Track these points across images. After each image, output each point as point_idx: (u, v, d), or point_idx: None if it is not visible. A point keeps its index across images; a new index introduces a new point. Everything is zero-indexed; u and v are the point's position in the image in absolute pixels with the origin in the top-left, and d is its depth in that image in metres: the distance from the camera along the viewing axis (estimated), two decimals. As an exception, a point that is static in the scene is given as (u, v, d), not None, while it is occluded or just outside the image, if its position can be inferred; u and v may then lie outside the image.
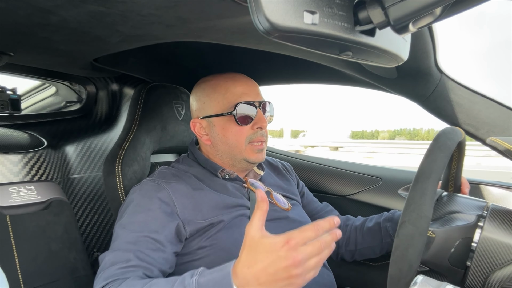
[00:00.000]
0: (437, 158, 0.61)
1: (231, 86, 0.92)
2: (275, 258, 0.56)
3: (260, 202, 0.61)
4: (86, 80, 1.33)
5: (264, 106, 0.94)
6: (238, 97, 0.91)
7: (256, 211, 0.61)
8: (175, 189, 0.85)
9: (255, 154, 0.93)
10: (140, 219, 0.80)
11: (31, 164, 1.09)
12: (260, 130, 0.92)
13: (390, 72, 0.93)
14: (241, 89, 0.92)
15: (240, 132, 0.91)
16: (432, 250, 0.67)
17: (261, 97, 0.95)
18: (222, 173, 0.94)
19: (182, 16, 0.64)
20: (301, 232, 0.58)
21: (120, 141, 1.02)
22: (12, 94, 1.07)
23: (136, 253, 0.74)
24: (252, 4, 0.38)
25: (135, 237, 0.77)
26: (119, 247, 0.76)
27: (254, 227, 0.60)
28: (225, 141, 0.93)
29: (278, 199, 0.96)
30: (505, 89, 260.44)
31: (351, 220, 1.12)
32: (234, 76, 0.95)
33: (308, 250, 0.57)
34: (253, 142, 0.92)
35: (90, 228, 1.27)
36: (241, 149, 0.92)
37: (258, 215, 0.60)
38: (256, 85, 0.96)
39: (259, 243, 0.59)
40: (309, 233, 0.58)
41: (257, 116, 0.91)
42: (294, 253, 0.56)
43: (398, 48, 0.53)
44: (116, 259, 0.74)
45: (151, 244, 0.76)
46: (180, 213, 0.83)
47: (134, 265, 0.73)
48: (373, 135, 66.05)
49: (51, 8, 0.61)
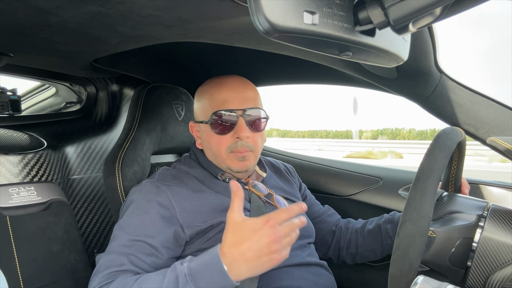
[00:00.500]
0: (437, 157, 0.61)
1: (215, 93, 0.91)
2: (259, 235, 0.65)
3: (235, 191, 0.70)
4: (86, 81, 1.33)
5: (251, 114, 0.89)
6: (219, 104, 0.88)
7: (234, 198, 0.69)
8: (174, 192, 0.85)
9: (238, 162, 0.90)
10: (137, 221, 0.80)
11: (31, 165, 1.09)
12: (240, 140, 0.88)
13: (390, 72, 0.93)
14: (225, 95, 0.89)
15: (220, 141, 0.89)
16: (432, 250, 0.67)
17: (248, 104, 0.89)
18: (223, 176, 0.94)
19: (182, 16, 0.64)
20: (278, 214, 0.67)
21: (120, 141, 1.02)
22: (12, 95, 1.07)
23: (130, 257, 0.75)
24: (252, 5, 0.38)
25: (131, 241, 0.77)
26: (114, 249, 0.77)
27: (235, 212, 0.68)
28: (210, 148, 0.93)
29: (279, 202, 0.96)
30: (505, 89, 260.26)
31: (351, 223, 1.12)
32: (224, 81, 0.92)
33: (283, 230, 0.67)
34: (234, 152, 0.89)
35: (90, 229, 1.27)
36: (222, 158, 0.90)
37: (236, 202, 0.69)
38: (245, 91, 0.91)
39: (242, 225, 0.67)
40: (284, 215, 0.67)
41: (238, 125, 0.87)
42: (273, 230, 0.65)
43: (398, 48, 0.53)
44: (110, 262, 0.74)
45: (146, 249, 0.76)
46: (179, 216, 0.82)
47: (127, 270, 0.73)
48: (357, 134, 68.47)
49: (51, 9, 0.61)
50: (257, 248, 0.64)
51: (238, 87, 0.91)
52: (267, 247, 0.65)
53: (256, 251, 0.65)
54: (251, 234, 0.65)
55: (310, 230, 1.00)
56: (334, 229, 1.12)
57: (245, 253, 0.65)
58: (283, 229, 0.67)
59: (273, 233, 0.65)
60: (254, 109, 0.90)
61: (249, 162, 0.91)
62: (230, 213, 0.68)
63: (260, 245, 0.65)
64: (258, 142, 0.92)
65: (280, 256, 0.66)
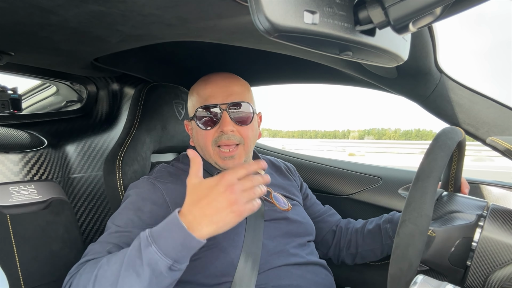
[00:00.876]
0: (437, 157, 0.61)
1: (200, 89, 0.94)
2: (216, 191, 0.66)
3: (193, 158, 0.71)
4: (86, 79, 1.33)
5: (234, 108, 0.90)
6: (204, 100, 0.91)
7: (192, 165, 0.71)
8: (170, 189, 0.86)
9: (223, 161, 0.92)
10: (129, 216, 0.81)
11: (31, 163, 1.09)
12: (223, 134, 0.89)
13: (390, 72, 0.93)
14: (209, 91, 0.91)
15: (205, 136, 0.92)
16: (432, 249, 0.67)
17: (232, 99, 0.90)
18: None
19: (182, 15, 0.64)
20: (233, 169, 0.68)
21: (121, 140, 1.02)
22: (13, 94, 1.07)
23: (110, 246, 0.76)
24: (252, 4, 0.38)
25: (118, 232, 0.78)
26: (101, 239, 0.78)
27: (193, 177, 0.70)
28: (198, 143, 0.96)
29: (277, 200, 0.96)
30: (506, 89, 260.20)
31: (351, 223, 1.12)
32: (209, 77, 0.95)
33: (242, 182, 0.67)
34: (220, 146, 0.91)
35: (91, 227, 1.27)
36: (209, 152, 0.93)
37: (194, 167, 0.70)
38: (229, 85, 0.93)
39: (199, 185, 0.68)
40: (241, 170, 0.68)
41: (221, 119, 0.89)
42: (229, 183, 0.66)
43: (398, 48, 0.54)
44: (92, 251, 0.76)
45: (130, 240, 0.76)
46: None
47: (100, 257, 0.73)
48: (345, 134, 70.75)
49: (52, 8, 0.61)
50: (215, 202, 0.65)
51: (222, 82, 0.93)
52: (225, 199, 0.65)
53: (215, 205, 0.65)
54: (208, 191, 0.66)
55: (310, 228, 1.00)
56: (334, 229, 1.12)
57: (203, 209, 0.65)
58: (242, 182, 0.67)
59: (229, 185, 0.65)
60: (239, 103, 0.91)
61: (238, 160, 0.92)
62: (189, 178, 0.70)
63: (217, 199, 0.65)
64: (248, 134, 0.93)
65: (242, 208, 0.65)
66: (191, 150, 0.73)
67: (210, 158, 0.94)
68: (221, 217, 0.65)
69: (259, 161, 0.71)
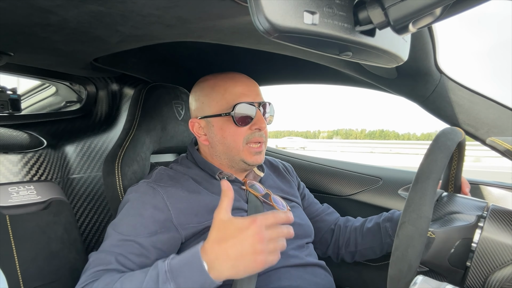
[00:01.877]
0: (437, 158, 0.61)
1: (230, 86, 0.92)
2: (244, 234, 0.64)
3: (225, 191, 0.69)
4: (86, 80, 1.33)
5: (264, 107, 0.93)
6: (237, 97, 0.90)
7: (223, 198, 0.69)
8: (170, 193, 0.85)
9: (253, 156, 0.92)
10: (130, 222, 0.80)
11: (30, 164, 1.09)
12: (259, 131, 0.92)
13: (390, 72, 0.93)
14: (241, 89, 0.91)
15: (237, 133, 0.91)
16: (432, 250, 0.67)
17: (260, 98, 0.94)
18: (221, 175, 0.94)
19: (182, 16, 0.64)
20: (264, 216, 0.66)
21: (120, 141, 1.02)
22: (12, 94, 1.07)
23: (118, 256, 0.75)
24: (252, 4, 0.38)
25: (121, 240, 0.77)
26: (105, 248, 0.77)
27: (223, 212, 0.67)
28: (223, 141, 0.92)
29: (276, 202, 0.96)
30: (507, 89, 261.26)
31: (350, 221, 1.12)
32: (234, 76, 0.94)
33: (270, 232, 0.66)
34: (250, 143, 0.91)
35: (90, 228, 1.27)
36: (238, 149, 0.92)
37: (225, 201, 0.68)
38: (256, 85, 0.95)
39: (228, 223, 0.66)
40: (271, 218, 0.67)
41: (256, 117, 0.91)
42: (259, 230, 0.64)
43: (398, 48, 0.53)
44: (99, 260, 0.75)
45: (135, 249, 0.76)
46: (174, 218, 0.82)
47: (112, 269, 0.73)
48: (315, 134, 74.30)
49: (51, 8, 0.61)
50: (241, 247, 0.63)
51: (248, 81, 0.95)
52: (251, 246, 0.63)
53: (240, 249, 0.63)
54: (236, 233, 0.64)
55: (309, 230, 1.00)
56: (333, 227, 1.12)
57: (228, 250, 0.64)
58: (269, 232, 0.66)
59: (258, 233, 0.64)
60: (267, 104, 0.94)
61: (263, 156, 0.95)
62: (217, 211, 0.68)
63: (244, 244, 0.64)
64: (267, 133, 0.97)
65: (264, 258, 0.64)
66: (225, 182, 0.71)
67: (236, 155, 0.92)
68: (243, 263, 0.64)
69: (288, 214, 0.69)
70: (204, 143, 0.96)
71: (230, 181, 0.95)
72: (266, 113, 0.94)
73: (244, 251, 0.63)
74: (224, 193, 0.69)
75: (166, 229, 0.81)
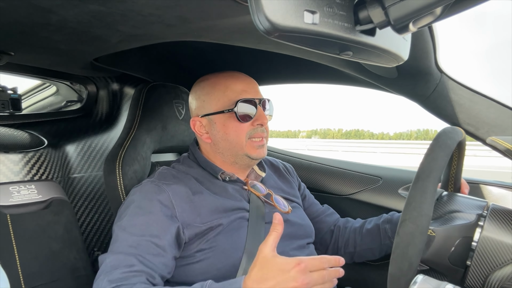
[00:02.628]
0: (437, 157, 0.61)
1: (231, 84, 0.93)
2: (286, 277, 0.61)
3: (276, 224, 0.66)
4: (86, 79, 1.33)
5: (264, 104, 0.94)
6: (238, 94, 0.91)
7: (272, 232, 0.66)
8: (175, 192, 0.85)
9: (256, 150, 0.93)
10: (141, 222, 0.79)
11: (31, 163, 1.09)
12: (261, 126, 0.93)
13: (390, 71, 0.93)
14: (241, 86, 0.92)
15: (240, 129, 0.91)
16: (432, 249, 0.67)
17: (260, 95, 0.95)
18: (223, 175, 0.94)
19: (182, 15, 0.64)
20: (311, 259, 0.64)
21: (121, 140, 1.02)
22: (13, 94, 1.07)
23: (138, 257, 0.74)
24: (252, 4, 0.38)
25: (137, 241, 0.76)
26: (120, 250, 0.76)
27: (268, 247, 0.65)
28: (226, 138, 0.93)
29: (278, 202, 0.96)
30: (507, 89, 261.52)
31: (350, 222, 1.12)
32: (234, 74, 0.95)
33: (314, 276, 0.63)
34: (252, 137, 0.92)
35: (91, 227, 1.27)
36: (242, 145, 0.92)
37: (273, 236, 0.66)
38: (255, 83, 0.96)
39: (271, 262, 0.63)
40: (317, 262, 0.64)
41: (258, 113, 0.92)
42: (303, 276, 0.61)
43: (398, 47, 0.54)
44: (118, 262, 0.73)
45: (152, 249, 0.76)
46: (179, 216, 0.82)
47: (137, 270, 0.73)
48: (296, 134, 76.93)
49: (52, 8, 0.61)
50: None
51: (248, 79, 0.96)
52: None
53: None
54: (278, 274, 0.62)
55: (310, 230, 1.01)
56: (333, 228, 1.12)
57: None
58: (314, 275, 0.63)
59: (301, 278, 0.61)
60: (266, 100, 0.95)
61: (265, 149, 0.96)
62: (263, 246, 0.65)
63: (285, 287, 0.61)
64: (268, 128, 0.98)
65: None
66: (278, 215, 0.68)
67: (240, 150, 0.93)
68: None
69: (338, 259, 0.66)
70: (206, 141, 0.96)
71: (232, 181, 0.95)
72: (266, 110, 0.95)
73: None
74: (273, 227, 0.66)
75: (174, 223, 0.81)
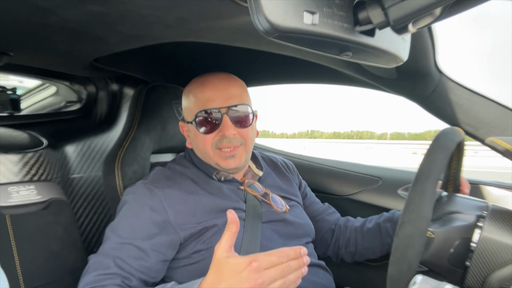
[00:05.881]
0: (436, 158, 0.61)
1: (198, 93, 0.90)
2: (238, 278, 0.58)
3: (230, 224, 0.63)
4: (86, 80, 1.33)
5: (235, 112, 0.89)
6: (203, 104, 0.88)
7: (226, 232, 0.63)
8: (168, 195, 0.85)
9: (225, 161, 0.90)
10: (128, 225, 0.80)
11: (31, 163, 1.09)
12: (226, 137, 0.88)
13: (389, 72, 0.93)
14: (208, 94, 0.89)
15: (205, 139, 0.89)
16: (431, 250, 0.67)
17: (231, 101, 0.88)
18: (218, 175, 0.94)
19: (182, 16, 0.64)
20: (266, 256, 0.60)
21: (120, 141, 1.02)
22: (12, 94, 1.07)
23: (116, 260, 0.75)
24: (252, 4, 0.38)
25: (120, 243, 0.77)
26: (103, 251, 0.77)
27: (221, 248, 0.62)
28: (197, 147, 0.93)
29: (275, 201, 0.95)
30: (507, 90, 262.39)
31: (350, 221, 1.12)
32: (207, 79, 0.92)
33: (271, 274, 0.59)
34: (221, 148, 0.89)
35: (90, 227, 1.27)
36: (209, 155, 0.91)
37: (227, 235, 0.63)
38: (228, 88, 0.90)
39: (224, 263, 0.61)
40: (273, 258, 0.60)
41: (222, 123, 0.87)
42: (256, 275, 0.58)
43: (397, 48, 0.54)
44: (98, 264, 0.75)
45: (134, 252, 0.77)
46: (172, 220, 0.82)
47: (112, 273, 0.73)
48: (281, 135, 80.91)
49: (51, 8, 0.61)
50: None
51: (220, 84, 0.90)
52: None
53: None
54: (230, 276, 0.59)
55: (309, 229, 1.00)
56: (333, 227, 1.12)
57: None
58: (271, 272, 0.59)
59: (254, 278, 0.58)
60: (239, 106, 0.89)
61: (239, 159, 0.91)
62: (217, 248, 0.63)
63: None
64: (249, 135, 0.92)
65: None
66: (232, 212, 0.64)
67: (210, 161, 0.92)
68: None
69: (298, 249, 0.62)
70: (188, 146, 0.98)
71: (228, 181, 0.95)
72: (239, 116, 0.89)
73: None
74: (227, 227, 0.63)
75: (164, 231, 0.81)
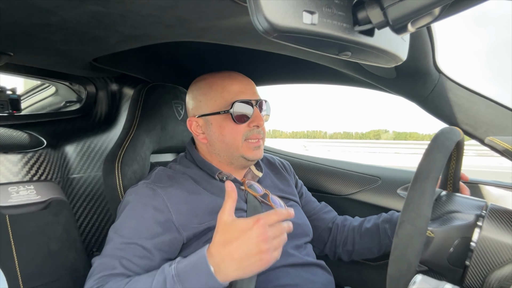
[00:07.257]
0: (435, 158, 0.61)
1: (227, 85, 0.92)
2: (248, 235, 0.65)
3: (229, 192, 0.70)
4: (85, 80, 1.33)
5: (261, 105, 0.94)
6: (235, 95, 0.91)
7: (227, 199, 0.69)
8: (170, 194, 0.85)
9: (252, 151, 0.93)
10: (132, 225, 0.80)
11: (30, 164, 1.09)
12: (257, 128, 0.92)
13: (389, 72, 0.93)
14: (238, 87, 0.92)
15: (236, 130, 0.91)
16: (431, 249, 0.67)
17: (257, 96, 0.94)
18: (220, 175, 0.94)
19: (181, 16, 0.64)
20: (268, 215, 0.68)
21: (120, 141, 1.02)
22: (12, 94, 1.07)
23: (122, 260, 0.75)
24: (251, 4, 0.38)
25: (124, 244, 0.77)
26: (108, 252, 0.78)
27: (226, 213, 0.68)
28: (222, 139, 0.93)
29: (275, 202, 0.96)
30: (506, 90, 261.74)
31: (348, 220, 1.12)
32: (231, 74, 0.95)
33: (273, 230, 0.67)
34: (249, 139, 0.92)
35: (90, 228, 1.27)
36: (238, 146, 0.92)
37: (229, 203, 0.69)
38: (252, 84, 0.96)
39: (232, 225, 0.67)
40: (274, 216, 0.68)
41: (254, 114, 0.91)
42: (263, 230, 0.65)
43: (397, 48, 0.54)
44: (103, 265, 0.75)
45: (138, 252, 0.77)
46: (175, 219, 0.82)
47: (118, 273, 0.74)
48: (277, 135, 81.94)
49: (51, 8, 0.61)
50: (246, 248, 0.65)
51: (245, 80, 0.96)
52: (256, 246, 0.65)
53: (245, 250, 0.65)
54: (240, 234, 0.65)
55: (307, 229, 1.00)
56: (330, 226, 1.12)
57: (233, 252, 0.65)
58: (273, 229, 0.67)
59: (262, 233, 0.65)
60: (263, 101, 0.95)
61: (261, 151, 0.96)
62: (221, 214, 0.69)
63: (248, 244, 0.65)
64: (265, 130, 0.97)
65: (269, 256, 0.66)
66: (229, 183, 0.72)
67: (236, 151, 0.93)
68: (249, 263, 0.65)
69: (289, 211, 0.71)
70: (203, 141, 0.96)
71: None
72: (263, 111, 0.95)
73: (250, 252, 0.64)
74: (228, 194, 0.70)
75: (167, 230, 0.81)
